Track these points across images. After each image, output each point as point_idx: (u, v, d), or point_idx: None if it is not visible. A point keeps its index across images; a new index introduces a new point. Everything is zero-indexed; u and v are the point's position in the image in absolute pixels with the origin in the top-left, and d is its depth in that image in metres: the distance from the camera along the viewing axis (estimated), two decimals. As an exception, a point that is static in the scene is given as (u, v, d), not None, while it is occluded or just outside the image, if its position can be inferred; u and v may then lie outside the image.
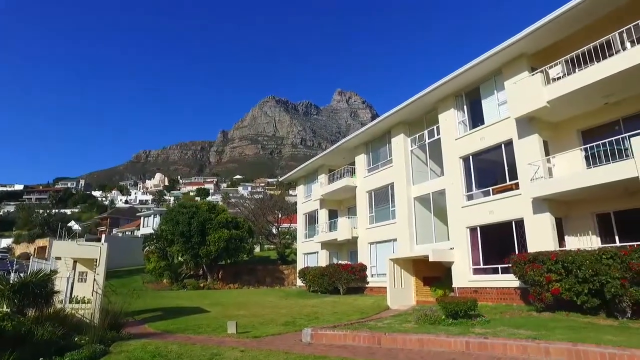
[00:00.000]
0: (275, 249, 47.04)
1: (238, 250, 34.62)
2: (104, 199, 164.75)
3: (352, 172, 27.34)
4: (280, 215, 52.71)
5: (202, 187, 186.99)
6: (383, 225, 23.35)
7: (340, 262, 26.91)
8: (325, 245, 29.06)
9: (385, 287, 18.88)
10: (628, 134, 12.09)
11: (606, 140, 13.09)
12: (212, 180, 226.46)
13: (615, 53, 12.53)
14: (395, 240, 22.08)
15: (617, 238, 13.32)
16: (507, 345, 7.80)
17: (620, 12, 13.18)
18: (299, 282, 30.24)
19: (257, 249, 49.67)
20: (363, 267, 23.81)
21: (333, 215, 29.98)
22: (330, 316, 15.29)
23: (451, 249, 18.08)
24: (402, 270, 19.14)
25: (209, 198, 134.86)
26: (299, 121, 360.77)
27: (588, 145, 14.00)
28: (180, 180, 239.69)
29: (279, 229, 51.33)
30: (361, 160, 26.22)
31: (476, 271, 17.04)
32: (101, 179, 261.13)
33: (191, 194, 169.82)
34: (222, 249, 32.10)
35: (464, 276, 17.29)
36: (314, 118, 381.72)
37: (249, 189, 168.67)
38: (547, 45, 15.51)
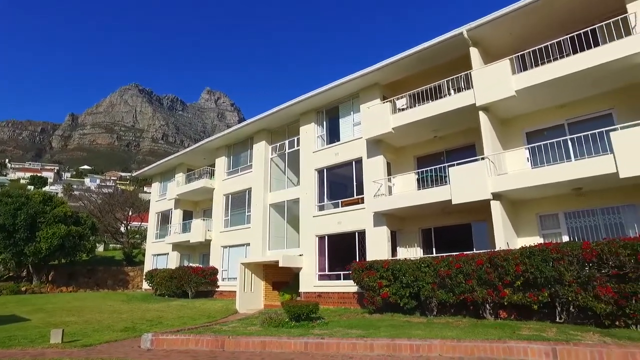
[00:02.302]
0: (122, 248, 43.42)
1: (77, 249, 31.06)
2: None
3: (211, 174, 26.85)
4: (130, 213, 48.94)
5: (39, 174, 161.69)
6: (237, 230, 23.39)
7: (191, 264, 26.15)
8: (177, 246, 27.89)
9: (236, 291, 18.93)
10: (447, 163, 14.50)
11: (433, 167, 15.51)
12: (52, 168, 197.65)
13: (444, 97, 14.95)
14: (248, 244, 22.30)
15: (434, 250, 15.70)
16: (340, 344, 8.56)
17: (455, 62, 15.54)
18: (145, 285, 28.46)
19: (101, 248, 45.11)
20: (214, 271, 23.46)
21: (188, 216, 28.96)
22: (176, 320, 14.85)
23: (300, 255, 18.98)
24: (253, 274, 19.47)
25: (47, 188, 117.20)
26: (163, 115, 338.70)
27: (420, 170, 16.22)
28: (9, 165, 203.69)
29: (128, 227, 47.62)
30: (222, 163, 25.95)
31: (321, 277, 18.18)
32: None
33: (23, 181, 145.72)
34: (57, 247, 28.51)
35: (310, 281, 18.29)
36: (179, 114, 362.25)
37: (98, 181, 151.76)
38: (398, 79, 17.45)
